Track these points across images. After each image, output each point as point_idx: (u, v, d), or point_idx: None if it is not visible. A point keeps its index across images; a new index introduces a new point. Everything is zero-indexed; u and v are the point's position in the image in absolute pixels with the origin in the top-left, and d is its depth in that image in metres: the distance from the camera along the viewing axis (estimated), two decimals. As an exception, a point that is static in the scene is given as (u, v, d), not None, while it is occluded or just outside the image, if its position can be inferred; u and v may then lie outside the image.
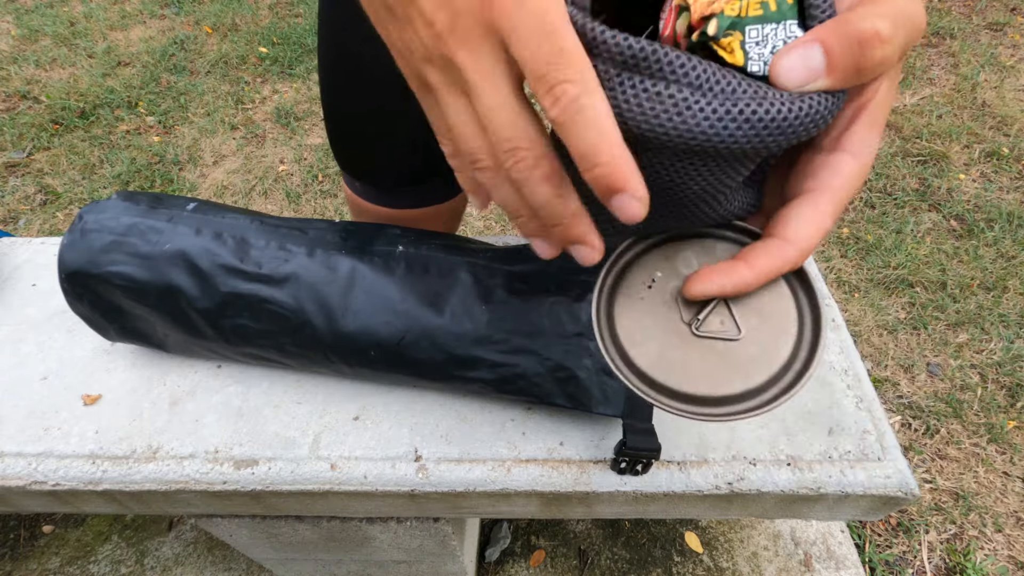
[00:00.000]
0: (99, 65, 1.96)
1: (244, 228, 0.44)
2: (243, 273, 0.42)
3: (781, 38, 0.20)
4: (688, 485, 0.43)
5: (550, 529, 0.91)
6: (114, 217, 0.44)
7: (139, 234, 0.43)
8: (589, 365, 0.42)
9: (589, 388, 0.42)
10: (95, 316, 0.46)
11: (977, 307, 1.29)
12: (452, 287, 0.44)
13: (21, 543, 0.90)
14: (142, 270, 0.42)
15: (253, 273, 0.42)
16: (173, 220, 0.44)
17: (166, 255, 0.42)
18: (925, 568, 0.95)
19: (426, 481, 0.44)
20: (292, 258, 0.43)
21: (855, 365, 0.50)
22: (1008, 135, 1.68)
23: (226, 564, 0.88)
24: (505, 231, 1.51)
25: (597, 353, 0.42)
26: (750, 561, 0.87)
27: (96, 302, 0.44)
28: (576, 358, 0.42)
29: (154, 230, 0.43)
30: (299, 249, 0.44)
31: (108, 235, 0.43)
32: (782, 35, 0.20)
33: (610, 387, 0.42)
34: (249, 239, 0.44)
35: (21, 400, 0.49)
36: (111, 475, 0.44)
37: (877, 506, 0.45)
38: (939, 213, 1.50)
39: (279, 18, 2.20)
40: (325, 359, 0.44)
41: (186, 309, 0.43)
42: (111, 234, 0.43)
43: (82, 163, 1.65)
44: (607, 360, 0.26)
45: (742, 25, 0.20)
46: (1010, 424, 1.10)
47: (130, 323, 0.46)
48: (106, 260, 0.43)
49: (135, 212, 0.44)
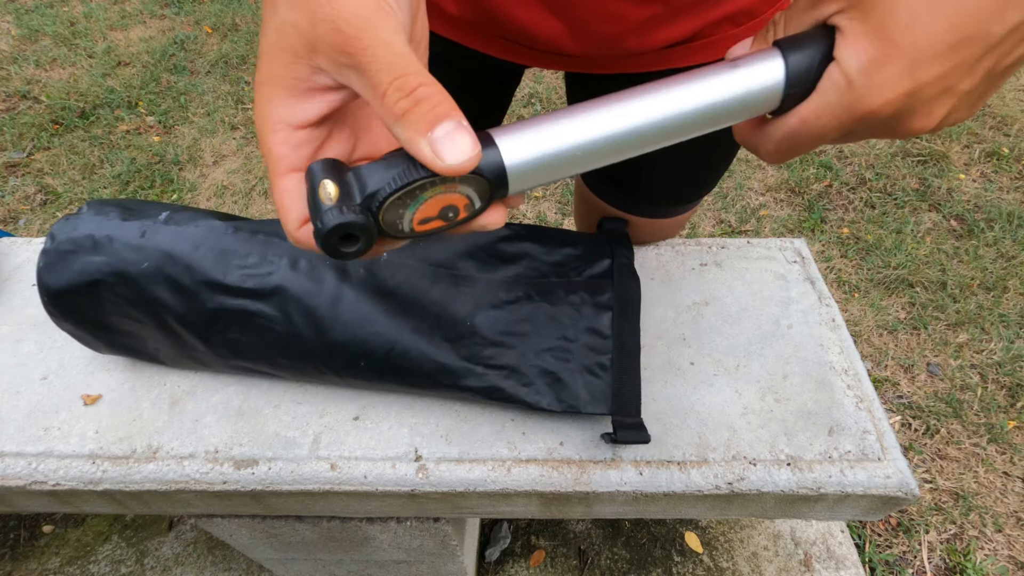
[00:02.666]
0: (99, 65, 1.96)
1: (220, 237, 0.43)
2: (228, 289, 0.42)
3: None
4: (688, 485, 0.43)
5: (550, 529, 0.91)
6: (87, 234, 0.42)
7: (113, 252, 0.42)
8: (573, 367, 0.43)
9: (575, 390, 0.43)
10: (81, 333, 0.45)
11: (977, 307, 1.29)
12: (439, 297, 0.44)
13: (21, 543, 0.90)
14: (125, 288, 0.42)
15: (238, 288, 0.42)
16: (147, 234, 0.43)
17: (146, 273, 0.42)
18: (925, 568, 0.95)
19: (426, 481, 0.44)
20: (276, 270, 0.43)
21: (855, 365, 0.50)
22: (1008, 135, 1.68)
23: (226, 564, 0.88)
24: (505, 231, 1.51)
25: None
26: (750, 561, 0.87)
27: (82, 320, 0.44)
28: (560, 361, 0.43)
29: (129, 247, 0.42)
30: (281, 260, 0.43)
31: (84, 254, 0.42)
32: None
33: (595, 386, 0.43)
34: (228, 249, 0.43)
35: (21, 400, 0.49)
36: (111, 475, 0.44)
37: (877, 506, 0.45)
38: (939, 213, 1.50)
39: (279, 18, 2.20)
40: (316, 371, 0.45)
41: (174, 325, 0.43)
42: (87, 252, 0.42)
43: (82, 163, 1.65)
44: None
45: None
46: (1010, 424, 1.10)
47: (119, 339, 0.46)
48: (86, 278, 0.42)
49: (108, 227, 0.43)
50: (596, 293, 0.46)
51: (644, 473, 0.44)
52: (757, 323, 0.53)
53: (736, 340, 0.51)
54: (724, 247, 0.59)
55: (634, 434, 0.41)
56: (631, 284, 0.47)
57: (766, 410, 0.47)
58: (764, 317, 0.53)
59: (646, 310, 0.54)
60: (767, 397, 0.48)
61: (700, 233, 1.50)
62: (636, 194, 0.54)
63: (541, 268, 0.47)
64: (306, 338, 0.43)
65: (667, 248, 0.60)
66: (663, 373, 0.49)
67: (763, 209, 1.55)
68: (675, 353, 0.51)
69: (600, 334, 0.44)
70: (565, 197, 1.59)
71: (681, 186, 0.54)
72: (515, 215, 1.55)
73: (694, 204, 0.58)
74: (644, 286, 0.56)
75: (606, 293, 0.46)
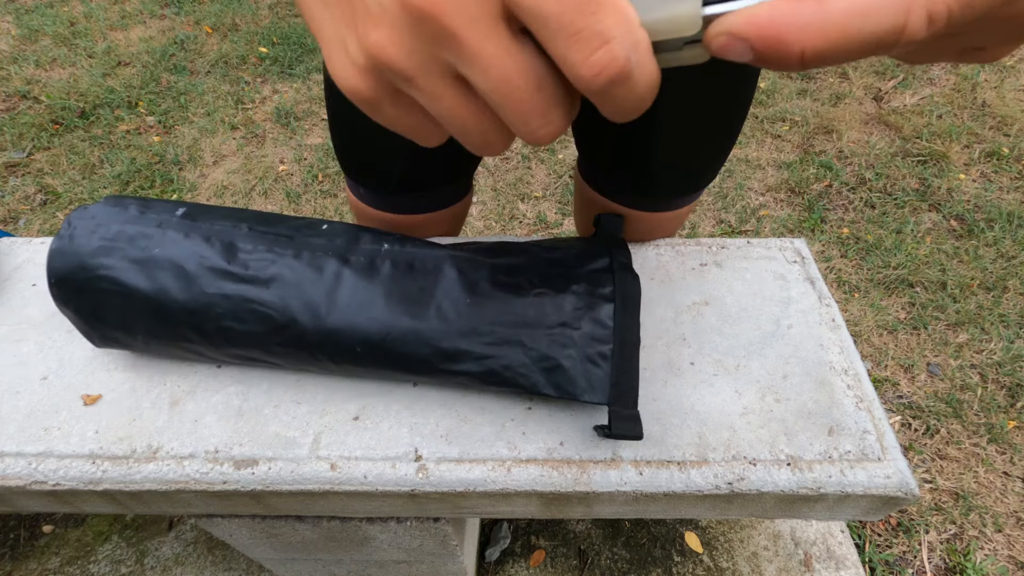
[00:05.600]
0: (99, 65, 1.96)
1: (232, 234, 0.45)
2: (230, 275, 0.43)
3: None
4: (688, 485, 0.43)
5: (550, 529, 0.91)
6: (103, 223, 0.44)
7: (128, 239, 0.43)
8: (574, 354, 0.43)
9: (574, 377, 0.42)
10: (79, 321, 0.46)
11: (977, 307, 1.29)
12: (437, 282, 0.44)
13: (21, 543, 0.90)
14: (129, 275, 0.42)
15: (239, 274, 0.43)
16: (162, 226, 0.44)
17: (154, 259, 0.43)
18: (925, 568, 0.95)
19: (426, 481, 0.44)
20: (279, 259, 0.44)
21: (855, 365, 0.50)
22: (1008, 135, 1.68)
23: (226, 564, 0.88)
24: (505, 231, 1.51)
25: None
26: (750, 561, 0.87)
27: (80, 308, 0.45)
28: (561, 348, 0.43)
29: (143, 235, 0.43)
30: (286, 251, 0.44)
31: (97, 240, 0.43)
32: None
33: (595, 375, 0.42)
34: (237, 243, 0.44)
35: (21, 400, 0.49)
36: (111, 475, 0.44)
37: (877, 506, 0.45)
38: (939, 213, 1.50)
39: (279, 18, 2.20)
40: (311, 356, 0.45)
41: (171, 313, 0.43)
42: (100, 239, 0.43)
43: (82, 163, 1.65)
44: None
45: None
46: (1010, 424, 1.10)
47: (111, 332, 0.46)
48: (94, 265, 0.43)
49: (124, 218, 0.44)
50: (598, 285, 0.46)
51: (644, 473, 0.44)
52: (757, 323, 0.53)
53: (736, 340, 0.51)
54: (724, 247, 0.59)
55: (629, 426, 0.41)
56: (631, 280, 0.47)
57: (766, 410, 0.47)
58: (764, 317, 0.53)
59: (646, 310, 0.54)
60: (767, 397, 0.48)
61: (700, 233, 1.50)
62: (636, 184, 0.54)
63: (542, 263, 0.47)
64: (302, 323, 0.43)
65: (667, 248, 0.60)
66: (663, 373, 0.49)
67: (763, 209, 1.55)
68: (675, 353, 0.51)
69: (602, 324, 0.44)
70: (565, 197, 1.59)
71: (681, 174, 0.54)
72: (515, 215, 1.55)
73: (694, 196, 0.58)
74: (644, 286, 0.56)
75: (608, 286, 0.46)
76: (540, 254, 0.48)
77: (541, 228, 1.52)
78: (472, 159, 0.64)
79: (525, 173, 1.66)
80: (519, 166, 1.68)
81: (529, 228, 1.52)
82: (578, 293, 0.45)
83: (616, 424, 0.41)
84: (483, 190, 1.61)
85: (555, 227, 1.52)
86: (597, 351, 0.43)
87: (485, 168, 1.68)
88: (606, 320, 0.44)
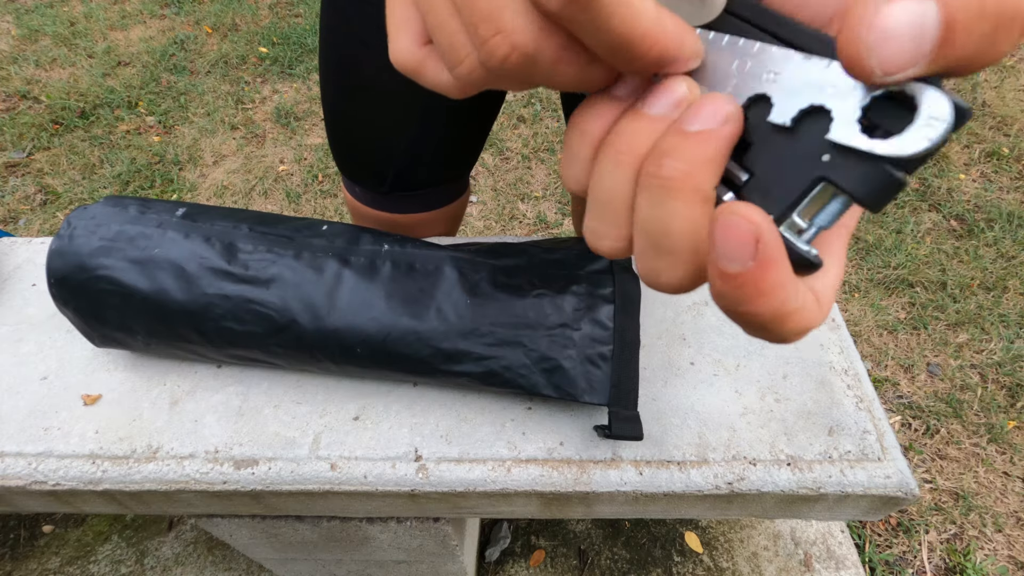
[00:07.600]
0: (99, 65, 1.96)
1: (232, 234, 0.45)
2: (230, 275, 0.43)
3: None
4: (688, 485, 0.43)
5: (550, 529, 0.91)
6: (103, 223, 0.44)
7: (128, 240, 0.43)
8: (574, 355, 0.43)
9: (575, 378, 0.42)
10: (79, 321, 0.46)
11: (977, 307, 1.29)
12: (437, 282, 0.44)
13: (21, 543, 0.90)
14: (129, 275, 0.42)
15: (240, 275, 0.43)
16: (162, 226, 0.44)
17: (154, 260, 0.43)
18: (925, 568, 0.95)
19: (426, 481, 0.44)
20: (279, 260, 0.44)
21: (855, 365, 0.50)
22: (1008, 135, 1.68)
23: (226, 564, 0.88)
24: (505, 231, 1.51)
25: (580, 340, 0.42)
26: (750, 561, 0.87)
27: (80, 308, 0.44)
28: (561, 348, 0.43)
29: (143, 235, 0.43)
30: (286, 252, 0.44)
31: (96, 241, 0.43)
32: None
33: (595, 376, 0.43)
34: (237, 244, 0.44)
35: (21, 400, 0.49)
36: (111, 475, 0.44)
37: (877, 506, 0.45)
38: (939, 213, 1.50)
39: (279, 18, 2.20)
40: (311, 357, 0.45)
41: (171, 313, 0.43)
42: (100, 240, 0.43)
43: (82, 163, 1.65)
44: None
45: None
46: (1010, 424, 1.10)
47: (111, 332, 0.46)
48: (94, 265, 0.43)
49: (124, 218, 0.44)
50: (598, 286, 0.46)
51: (644, 473, 0.44)
52: (757, 323, 0.53)
53: (736, 340, 0.51)
54: (724, 247, 0.59)
55: (629, 427, 0.41)
56: (631, 281, 0.47)
57: (766, 410, 0.47)
58: (764, 317, 0.53)
59: (646, 310, 0.54)
60: (767, 397, 0.48)
61: (700, 233, 1.50)
62: None
63: (542, 263, 0.47)
64: (302, 324, 0.43)
65: (667, 248, 0.60)
66: (663, 373, 0.49)
67: (763, 209, 1.55)
68: (675, 353, 0.51)
69: (602, 325, 0.44)
70: (565, 197, 1.59)
71: None
72: (515, 215, 1.55)
73: None
74: (644, 286, 0.56)
75: (607, 287, 0.46)
76: (540, 255, 0.48)
77: (541, 228, 1.52)
78: (467, 159, 0.64)
79: (525, 173, 1.66)
80: (519, 166, 1.68)
81: (529, 228, 1.52)
82: (578, 294, 0.45)
83: (616, 425, 0.41)
84: (483, 190, 1.61)
85: (555, 227, 1.52)
86: (597, 352, 0.43)
87: (485, 168, 1.68)
88: (606, 321, 0.44)
